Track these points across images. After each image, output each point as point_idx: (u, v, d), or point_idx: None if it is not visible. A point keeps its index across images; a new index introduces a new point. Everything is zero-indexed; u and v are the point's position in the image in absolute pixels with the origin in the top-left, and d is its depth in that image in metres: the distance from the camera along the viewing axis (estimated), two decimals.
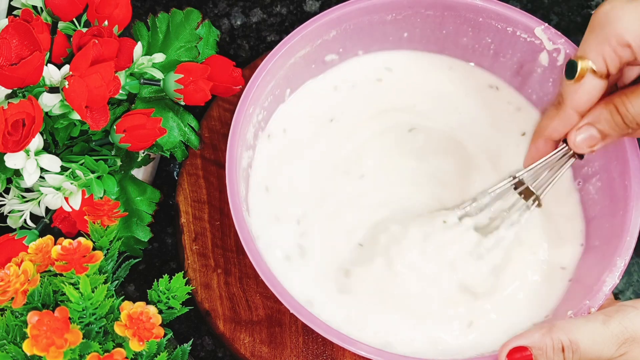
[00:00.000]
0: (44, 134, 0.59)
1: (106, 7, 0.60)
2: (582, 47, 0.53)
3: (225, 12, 0.75)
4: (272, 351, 0.62)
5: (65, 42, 0.59)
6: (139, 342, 0.48)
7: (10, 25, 0.55)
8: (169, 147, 0.63)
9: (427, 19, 0.65)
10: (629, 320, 0.51)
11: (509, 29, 0.63)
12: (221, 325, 0.63)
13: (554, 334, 0.51)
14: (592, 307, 0.55)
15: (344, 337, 0.54)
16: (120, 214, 0.56)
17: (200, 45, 0.64)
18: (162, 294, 0.54)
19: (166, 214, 0.68)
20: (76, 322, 0.49)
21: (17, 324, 0.50)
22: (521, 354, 0.52)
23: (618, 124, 0.53)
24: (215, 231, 0.66)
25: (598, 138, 0.54)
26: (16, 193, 0.60)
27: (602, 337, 0.51)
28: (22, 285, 0.49)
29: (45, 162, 0.57)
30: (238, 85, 0.63)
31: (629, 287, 0.67)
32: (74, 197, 0.58)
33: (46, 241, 0.52)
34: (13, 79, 0.54)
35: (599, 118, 0.53)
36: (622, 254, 0.56)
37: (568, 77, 0.53)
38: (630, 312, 0.51)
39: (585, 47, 0.52)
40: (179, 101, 0.62)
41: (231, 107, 0.69)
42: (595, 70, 0.52)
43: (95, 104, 0.56)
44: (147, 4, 0.75)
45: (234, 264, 0.65)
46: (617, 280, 0.55)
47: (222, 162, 0.61)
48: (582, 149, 0.55)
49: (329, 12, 0.62)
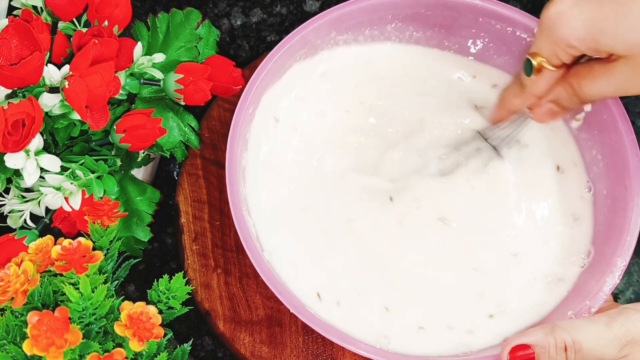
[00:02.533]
0: (44, 134, 0.59)
1: (106, 7, 0.60)
2: (535, 45, 0.55)
3: (225, 12, 0.75)
4: (272, 351, 0.62)
5: (65, 42, 0.59)
6: (139, 342, 0.48)
7: (10, 25, 0.55)
8: (169, 147, 0.63)
9: (427, 19, 0.65)
10: (631, 322, 0.51)
11: (509, 29, 0.63)
12: (221, 325, 0.63)
13: (557, 333, 0.51)
14: (593, 307, 0.55)
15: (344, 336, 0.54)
16: (120, 214, 0.56)
17: (200, 45, 0.64)
18: (162, 294, 0.54)
19: (166, 214, 0.68)
20: (76, 322, 0.49)
21: (17, 324, 0.50)
22: (523, 352, 0.52)
23: (575, 101, 0.56)
24: (215, 231, 0.66)
25: (558, 111, 0.58)
26: (16, 193, 0.60)
27: (605, 339, 0.51)
28: (22, 285, 0.49)
29: (45, 162, 0.57)
30: (238, 85, 0.63)
31: (629, 287, 0.67)
32: (74, 197, 0.58)
33: (46, 241, 0.52)
34: (13, 79, 0.54)
35: (558, 97, 0.57)
36: (622, 254, 0.56)
37: (526, 73, 0.56)
38: (633, 315, 0.51)
39: (539, 45, 0.54)
40: (179, 101, 0.62)
41: (231, 107, 0.69)
42: (549, 64, 0.55)
43: (95, 104, 0.56)
44: (147, 4, 0.75)
45: (234, 264, 0.65)
46: (617, 280, 0.55)
47: (222, 162, 0.61)
48: (544, 121, 0.60)
49: (329, 12, 0.62)
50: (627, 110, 0.60)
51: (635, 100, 0.71)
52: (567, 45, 0.52)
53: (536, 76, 0.55)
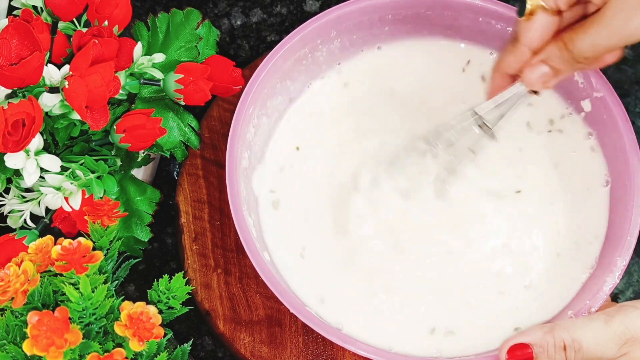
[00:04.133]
0: (44, 134, 0.59)
1: (106, 7, 0.60)
2: None
3: (225, 12, 0.75)
4: (272, 351, 0.62)
5: (65, 42, 0.59)
6: (139, 342, 0.48)
7: (10, 25, 0.55)
8: (169, 147, 0.63)
9: (426, 19, 0.65)
10: (630, 320, 0.51)
11: (509, 28, 0.63)
12: (221, 325, 0.63)
13: (556, 332, 0.51)
14: (593, 307, 0.55)
15: (344, 336, 0.54)
16: (120, 214, 0.56)
17: (200, 45, 0.64)
18: (162, 294, 0.54)
19: (166, 214, 0.68)
20: (76, 322, 0.49)
21: (17, 324, 0.50)
22: (522, 352, 0.52)
23: (567, 59, 0.53)
24: (215, 231, 0.66)
25: (550, 74, 0.55)
26: (16, 193, 0.60)
27: (605, 337, 0.51)
28: (22, 285, 0.49)
29: (45, 162, 0.57)
30: (238, 85, 0.63)
31: (629, 287, 0.67)
32: (74, 197, 0.58)
33: (46, 241, 0.52)
34: (13, 79, 0.54)
35: (549, 55, 0.54)
36: (622, 254, 0.56)
37: (520, 14, 0.53)
38: (632, 312, 0.51)
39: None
40: (179, 101, 0.62)
41: (231, 107, 0.69)
42: (545, 7, 0.52)
43: (95, 104, 0.56)
44: (147, 4, 0.75)
45: (234, 264, 0.65)
46: (617, 280, 0.55)
47: (222, 162, 0.61)
48: (536, 86, 0.56)
49: (329, 12, 0.62)
50: (627, 110, 0.60)
51: (635, 100, 0.71)
52: None
53: (529, 20, 0.53)
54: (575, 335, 0.51)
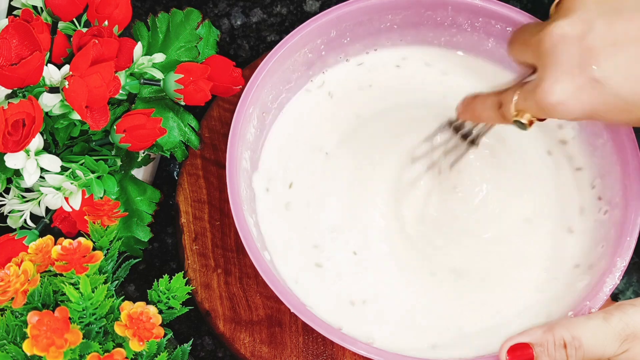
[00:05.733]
0: (44, 134, 0.59)
1: (106, 7, 0.60)
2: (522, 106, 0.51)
3: (225, 12, 0.75)
4: (272, 351, 0.62)
5: (65, 42, 0.59)
6: (139, 342, 0.48)
7: (10, 25, 0.55)
8: (169, 147, 0.63)
9: (426, 19, 0.65)
10: (629, 317, 0.51)
11: (509, 28, 0.63)
12: (221, 325, 0.63)
13: (555, 331, 0.52)
14: (593, 307, 0.55)
15: (344, 336, 0.54)
16: (120, 214, 0.56)
17: (200, 45, 0.64)
18: (162, 294, 0.54)
19: (166, 214, 0.68)
20: (76, 322, 0.49)
21: (17, 324, 0.50)
22: (522, 352, 0.52)
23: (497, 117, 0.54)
24: (215, 231, 0.66)
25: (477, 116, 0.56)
26: (16, 193, 0.61)
27: (604, 334, 0.51)
28: (22, 285, 0.49)
29: (45, 162, 0.57)
30: (238, 85, 0.63)
31: (629, 287, 0.67)
32: (74, 197, 0.58)
33: (46, 241, 0.52)
34: (13, 79, 0.54)
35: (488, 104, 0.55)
36: (622, 254, 0.56)
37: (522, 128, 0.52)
38: (630, 309, 0.52)
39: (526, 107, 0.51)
40: (179, 101, 0.62)
41: (231, 107, 0.69)
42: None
43: (95, 104, 0.56)
44: (147, 4, 0.75)
45: (234, 264, 0.65)
46: (617, 280, 0.55)
47: (222, 162, 0.61)
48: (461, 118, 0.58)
49: (329, 12, 0.62)
50: None
51: None
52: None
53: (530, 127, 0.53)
54: (574, 333, 0.51)
